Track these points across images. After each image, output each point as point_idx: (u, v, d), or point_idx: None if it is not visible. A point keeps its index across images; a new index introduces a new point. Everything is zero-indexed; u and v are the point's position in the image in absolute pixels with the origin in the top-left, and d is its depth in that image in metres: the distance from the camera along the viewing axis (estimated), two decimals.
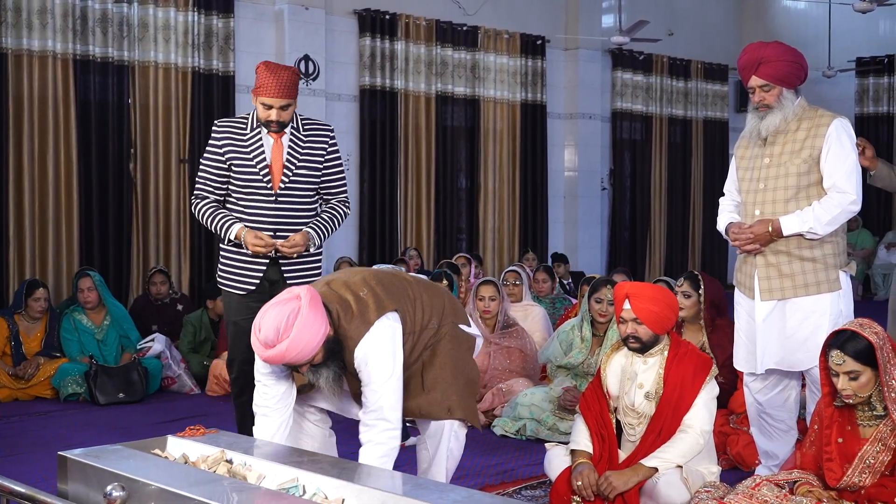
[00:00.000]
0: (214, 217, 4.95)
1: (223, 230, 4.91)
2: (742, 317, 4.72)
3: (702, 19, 15.27)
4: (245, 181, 4.89)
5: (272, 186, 4.88)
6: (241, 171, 4.90)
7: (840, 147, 4.49)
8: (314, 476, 3.10)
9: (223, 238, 4.98)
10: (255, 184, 4.88)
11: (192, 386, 7.68)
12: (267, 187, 4.87)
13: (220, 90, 9.96)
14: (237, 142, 4.91)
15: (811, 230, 4.46)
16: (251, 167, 4.88)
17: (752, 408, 4.86)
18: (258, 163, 4.88)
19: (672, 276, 12.34)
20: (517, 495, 4.81)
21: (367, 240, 11.18)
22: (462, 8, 12.04)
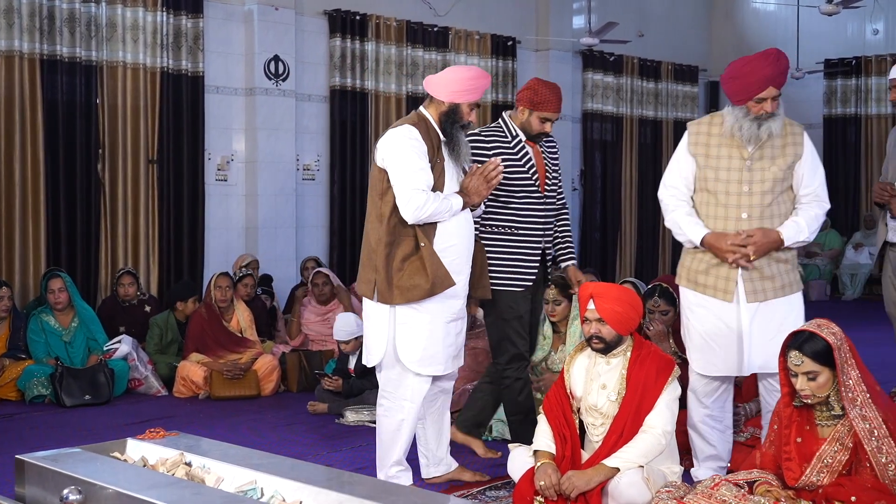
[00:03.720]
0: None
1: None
2: (708, 320, 4.64)
3: (672, 21, 15.35)
4: (518, 186, 5.26)
5: (540, 188, 5.31)
6: (513, 177, 5.22)
7: (814, 156, 4.70)
8: (272, 478, 3.11)
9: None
10: (528, 188, 5.29)
11: (160, 388, 7.65)
12: (537, 190, 5.31)
13: (189, 90, 9.91)
14: (506, 149, 5.26)
15: (805, 239, 4.63)
16: (523, 172, 5.26)
17: (697, 413, 4.79)
18: (529, 168, 5.29)
19: (642, 277, 12.41)
20: (481, 496, 4.83)
21: (338, 241, 11.16)
22: (433, 9, 12.04)
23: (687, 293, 4.74)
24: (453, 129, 4.76)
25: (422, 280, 4.58)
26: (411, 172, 4.58)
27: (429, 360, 4.72)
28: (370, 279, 4.70)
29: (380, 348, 4.74)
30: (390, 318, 4.69)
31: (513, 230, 5.30)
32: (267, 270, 10.00)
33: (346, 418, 6.56)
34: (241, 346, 7.80)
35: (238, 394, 7.45)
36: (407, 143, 4.61)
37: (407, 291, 4.59)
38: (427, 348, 4.70)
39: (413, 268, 4.60)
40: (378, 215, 4.67)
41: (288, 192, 10.61)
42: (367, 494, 2.96)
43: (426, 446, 5.08)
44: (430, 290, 4.58)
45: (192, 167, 9.97)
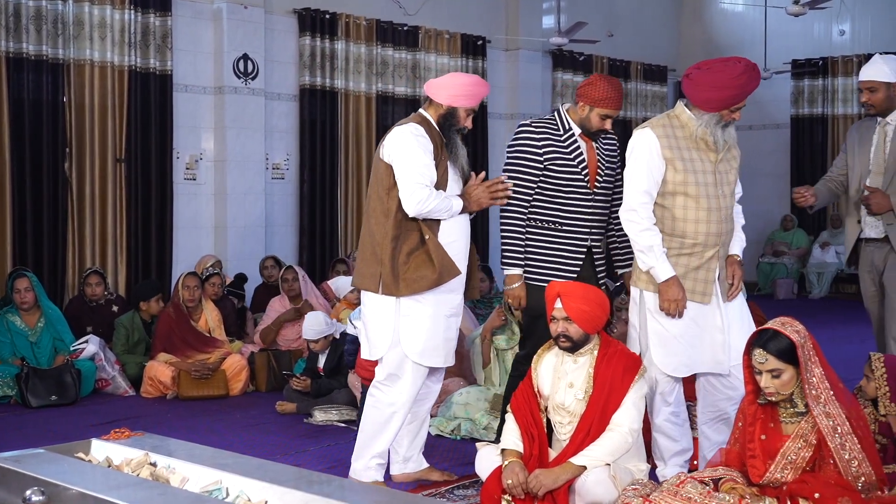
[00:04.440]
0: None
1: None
2: (682, 323, 4.62)
3: (641, 21, 15.42)
4: (566, 181, 5.14)
5: (589, 185, 5.17)
6: (561, 171, 5.13)
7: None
8: (238, 478, 3.10)
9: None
10: (576, 183, 5.15)
11: (127, 388, 7.61)
12: (586, 187, 5.17)
13: (157, 89, 9.85)
14: (556, 142, 5.15)
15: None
16: (573, 167, 5.14)
17: (662, 413, 4.78)
18: (579, 163, 5.16)
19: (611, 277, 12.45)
20: (449, 495, 4.83)
21: (308, 240, 11.13)
22: (402, 8, 12.03)
23: (652, 297, 4.68)
24: (451, 132, 4.89)
25: (428, 271, 4.72)
26: (417, 167, 4.69)
27: (430, 351, 4.82)
28: (374, 273, 4.78)
29: (385, 340, 4.82)
30: (396, 310, 4.78)
31: (557, 226, 5.18)
32: (236, 270, 9.96)
33: (315, 418, 6.55)
34: (209, 345, 7.76)
35: (206, 394, 7.42)
36: (413, 140, 4.73)
37: (413, 283, 4.72)
38: (429, 339, 4.80)
39: (419, 260, 4.74)
40: (384, 210, 4.76)
41: (257, 192, 10.58)
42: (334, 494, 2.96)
43: (399, 443, 5.08)
44: (437, 279, 4.73)
45: (161, 166, 9.91)
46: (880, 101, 5.49)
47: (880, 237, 5.54)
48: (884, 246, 5.54)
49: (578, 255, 5.23)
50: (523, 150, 5.14)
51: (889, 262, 5.51)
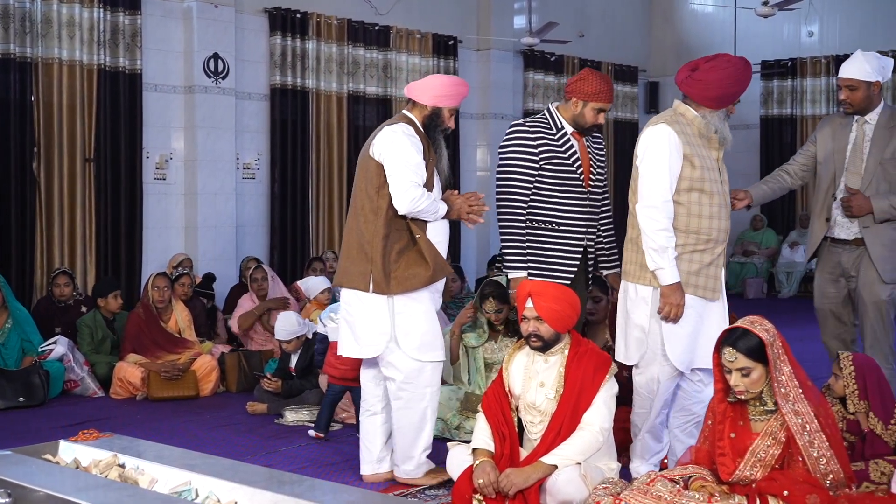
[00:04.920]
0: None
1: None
2: (693, 319, 4.63)
3: (612, 22, 15.47)
4: (562, 180, 5.13)
5: (584, 183, 5.16)
6: (557, 170, 5.11)
7: None
8: (207, 479, 3.08)
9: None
10: (571, 182, 5.15)
11: (96, 389, 7.55)
12: (582, 185, 5.17)
13: (126, 88, 9.78)
14: (551, 142, 5.13)
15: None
16: (568, 166, 5.13)
17: (661, 416, 4.78)
18: (574, 162, 5.15)
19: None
20: (421, 494, 4.82)
21: (279, 240, 11.09)
22: (374, 7, 12.01)
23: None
24: (435, 133, 4.96)
25: (421, 269, 4.78)
26: (410, 166, 4.74)
27: (428, 346, 4.87)
28: (363, 271, 4.80)
29: (380, 339, 4.84)
30: (389, 308, 4.82)
31: (554, 226, 5.16)
32: (206, 270, 9.91)
33: (286, 418, 6.53)
34: (179, 346, 7.72)
35: (176, 394, 7.37)
36: (406, 139, 4.78)
37: (405, 281, 4.77)
38: (425, 335, 4.86)
39: (410, 259, 4.79)
40: (374, 209, 4.80)
41: (228, 191, 10.53)
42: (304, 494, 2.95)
43: (373, 442, 5.08)
44: (430, 276, 4.79)
45: (130, 166, 9.84)
46: (859, 100, 5.40)
47: (851, 239, 5.48)
48: (855, 249, 5.47)
49: (576, 255, 5.22)
50: (519, 150, 5.11)
51: (862, 267, 5.44)
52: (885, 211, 5.34)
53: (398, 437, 4.96)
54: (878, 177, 5.39)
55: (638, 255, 4.69)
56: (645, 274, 4.64)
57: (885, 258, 5.39)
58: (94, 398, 7.48)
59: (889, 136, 5.40)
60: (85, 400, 7.42)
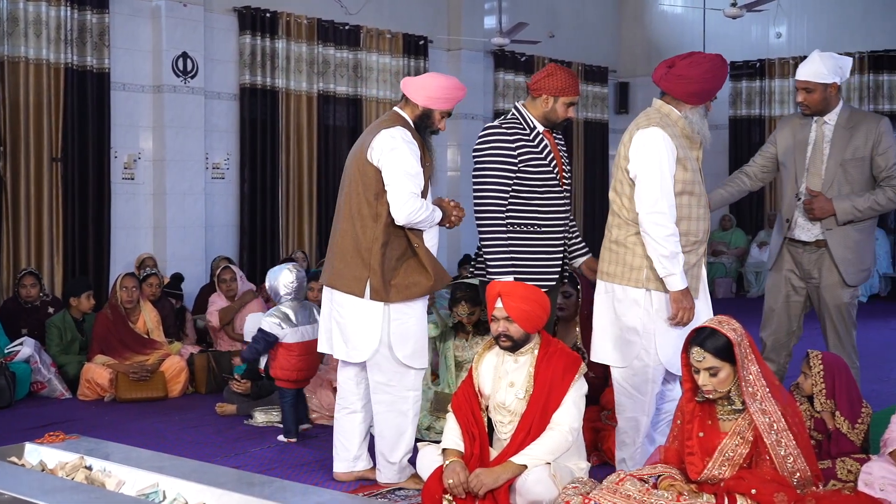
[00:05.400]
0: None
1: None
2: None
3: (582, 22, 15.52)
4: (541, 180, 5.07)
5: (559, 180, 5.13)
6: (536, 171, 5.06)
7: None
8: (175, 481, 3.06)
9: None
10: (549, 181, 5.10)
11: (63, 390, 7.48)
12: (558, 184, 5.14)
13: (94, 87, 9.71)
14: (528, 142, 5.06)
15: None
16: (545, 165, 5.07)
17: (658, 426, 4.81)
18: (550, 161, 5.11)
19: None
20: (390, 495, 4.82)
21: (248, 240, 11.04)
22: (344, 7, 11.98)
23: (662, 297, 4.61)
24: (425, 133, 4.90)
25: (422, 278, 4.78)
26: (410, 176, 4.70)
27: (419, 353, 4.90)
28: (359, 277, 4.77)
29: (370, 345, 4.81)
30: (384, 315, 4.79)
31: (536, 227, 5.10)
32: (176, 270, 9.85)
33: (255, 419, 6.50)
34: (147, 347, 7.67)
35: (145, 396, 7.32)
36: (405, 146, 4.73)
37: (405, 289, 4.77)
38: (417, 342, 4.88)
39: (409, 267, 4.78)
40: (373, 215, 4.76)
41: (197, 191, 10.47)
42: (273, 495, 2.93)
43: (350, 440, 5.07)
44: (432, 286, 4.81)
45: (98, 165, 9.77)
46: (816, 101, 5.41)
47: (812, 241, 5.51)
48: (816, 251, 5.49)
49: (558, 255, 5.18)
50: (498, 153, 5.02)
51: (825, 269, 5.47)
52: (848, 213, 5.34)
53: (379, 442, 4.95)
54: (839, 178, 5.40)
55: (626, 257, 4.63)
56: (634, 276, 4.59)
57: (849, 261, 5.41)
58: (61, 400, 7.41)
59: (849, 136, 5.41)
60: (52, 402, 7.36)
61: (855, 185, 5.40)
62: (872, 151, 5.38)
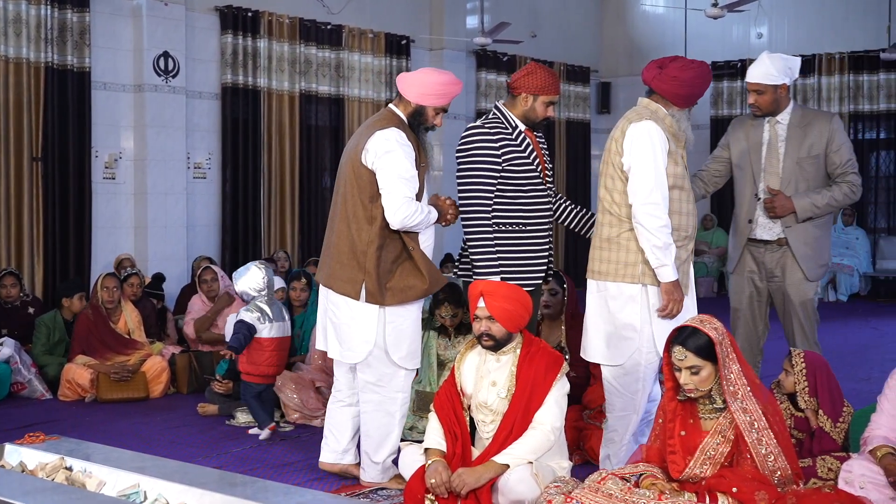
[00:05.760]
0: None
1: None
2: (680, 316, 4.63)
3: (564, 22, 15.54)
4: (525, 179, 5.03)
5: (543, 178, 5.10)
6: (520, 170, 5.01)
7: None
8: (156, 481, 3.05)
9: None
10: (534, 180, 5.06)
11: (44, 391, 7.44)
12: (542, 182, 5.10)
13: (75, 86, 9.67)
14: (511, 142, 5.02)
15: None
16: (529, 164, 5.04)
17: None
18: (534, 159, 5.07)
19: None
20: (373, 495, 4.81)
21: (230, 239, 11.02)
22: (326, 7, 11.97)
23: (657, 291, 4.63)
24: (419, 130, 4.89)
25: (417, 281, 4.77)
26: (404, 180, 4.69)
27: (413, 355, 4.91)
28: (355, 279, 4.76)
29: (364, 346, 4.81)
30: (380, 318, 4.79)
31: (521, 227, 5.07)
32: (157, 270, 9.82)
33: (237, 419, 6.48)
34: (128, 347, 7.63)
35: (126, 396, 7.29)
36: (399, 149, 4.70)
37: (401, 293, 4.76)
38: (411, 345, 4.89)
39: (405, 270, 4.78)
40: (368, 217, 4.75)
41: (178, 191, 10.44)
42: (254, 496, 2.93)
43: (341, 433, 5.08)
44: (427, 289, 4.80)
45: (79, 165, 9.73)
46: (767, 103, 5.48)
47: (774, 240, 5.55)
48: (777, 249, 5.55)
49: (544, 253, 5.16)
50: (482, 154, 4.99)
51: (788, 267, 5.52)
52: (808, 209, 5.43)
53: (364, 441, 4.95)
54: (796, 176, 5.48)
55: (619, 254, 4.65)
56: (630, 272, 4.62)
57: (809, 257, 5.49)
58: (41, 400, 7.37)
59: (803, 135, 5.48)
60: (32, 402, 7.31)
61: (811, 182, 5.49)
62: (827, 148, 5.47)
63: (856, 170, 5.51)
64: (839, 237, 13.69)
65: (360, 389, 4.95)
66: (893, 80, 13.87)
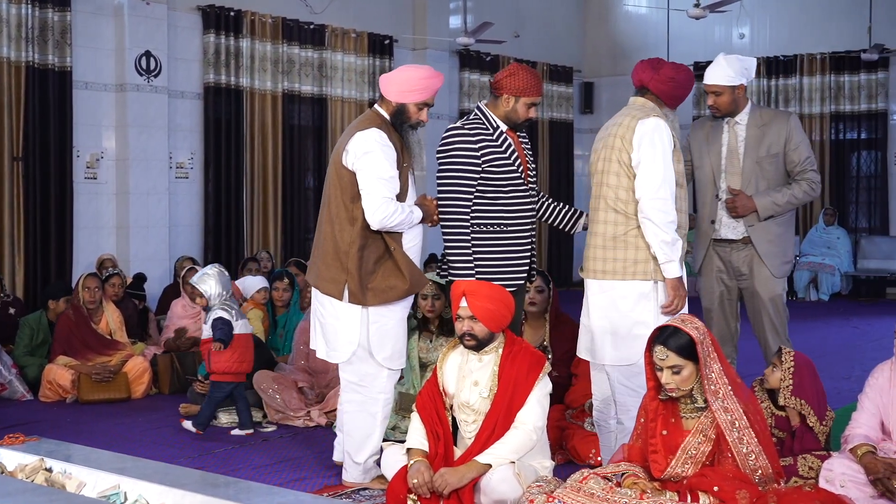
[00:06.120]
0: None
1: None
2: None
3: (547, 22, 15.56)
4: (506, 180, 4.98)
5: (524, 180, 5.04)
6: (501, 171, 4.96)
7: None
8: (137, 482, 3.03)
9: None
10: (515, 181, 5.00)
11: (24, 392, 7.39)
12: (523, 183, 5.04)
13: (56, 86, 9.63)
14: (491, 143, 4.96)
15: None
16: (510, 165, 4.98)
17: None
18: (515, 160, 5.01)
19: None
20: (355, 495, 4.80)
21: (213, 239, 10.99)
22: (309, 6, 11.95)
23: (663, 289, 4.64)
24: (403, 129, 4.89)
25: (398, 281, 4.78)
26: (383, 181, 4.70)
27: (398, 355, 4.94)
28: (338, 279, 4.78)
29: (348, 347, 4.84)
30: (363, 318, 4.81)
31: (502, 227, 4.99)
32: (139, 270, 9.78)
33: (219, 420, 6.46)
34: (110, 348, 7.60)
35: (107, 397, 7.25)
36: (379, 150, 4.72)
37: (382, 293, 4.78)
38: (395, 344, 4.91)
39: (386, 270, 4.79)
40: (349, 218, 4.76)
41: (160, 191, 10.41)
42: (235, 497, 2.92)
43: None
44: (408, 290, 4.81)
45: (60, 165, 9.69)
46: (726, 104, 5.51)
47: (739, 238, 5.59)
48: (743, 247, 5.59)
49: (525, 254, 5.09)
50: (461, 155, 4.93)
51: (755, 264, 5.56)
52: (769, 208, 5.49)
53: (346, 441, 4.95)
54: (756, 175, 5.54)
55: (627, 252, 4.62)
56: (641, 269, 4.60)
57: (773, 254, 5.55)
58: (22, 401, 7.33)
59: (761, 135, 5.55)
60: (13, 403, 7.27)
61: (771, 180, 5.55)
62: (785, 147, 5.54)
63: (814, 167, 5.60)
64: (821, 237, 13.76)
65: (342, 389, 4.96)
66: (874, 80, 13.94)
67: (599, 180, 4.73)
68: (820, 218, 13.82)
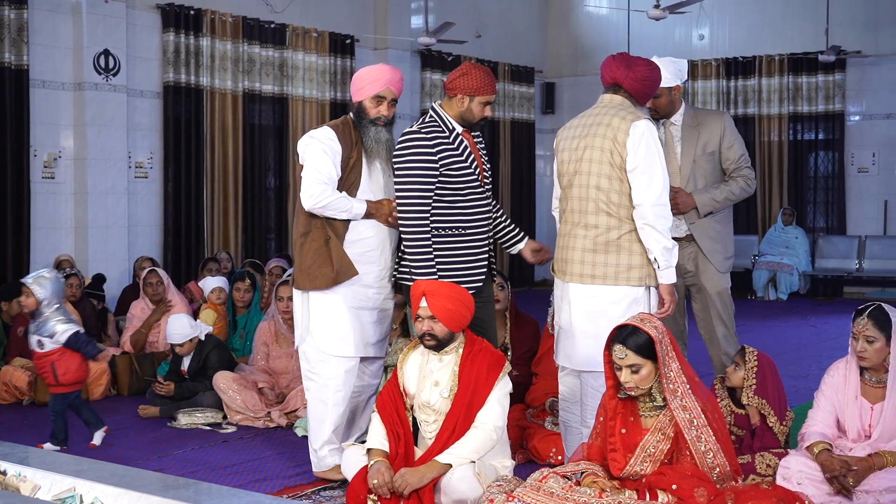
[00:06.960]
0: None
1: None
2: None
3: (508, 23, 15.59)
4: (463, 182, 4.95)
5: (481, 180, 5.05)
6: (458, 174, 4.93)
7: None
8: (93, 485, 3.00)
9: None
10: (471, 183, 4.99)
11: None
12: (480, 183, 5.04)
13: (12, 85, 9.51)
14: (448, 146, 4.93)
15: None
16: (466, 167, 4.95)
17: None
18: (471, 162, 4.99)
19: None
20: (316, 496, 4.80)
21: (173, 240, 10.90)
22: (269, 5, 11.89)
23: (656, 294, 4.60)
24: (361, 125, 5.06)
25: (327, 269, 4.95)
26: (316, 166, 4.94)
27: (338, 342, 5.00)
28: (293, 267, 5.20)
29: (300, 332, 5.10)
30: (304, 303, 5.07)
31: (460, 230, 4.93)
32: (97, 271, 9.69)
33: (179, 421, 6.42)
34: None
35: None
36: (317, 144, 4.98)
37: (314, 280, 4.98)
38: (336, 331, 4.99)
39: (321, 259, 4.96)
40: (300, 209, 5.06)
41: (119, 191, 10.32)
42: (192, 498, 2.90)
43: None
44: (334, 278, 4.95)
45: (17, 164, 9.57)
46: (664, 105, 5.57)
47: (683, 236, 5.60)
48: (688, 245, 5.61)
49: (483, 256, 5.04)
50: (419, 159, 4.85)
51: (700, 261, 5.61)
52: (708, 205, 5.55)
53: (309, 425, 5.16)
54: (694, 174, 5.62)
55: (620, 257, 4.50)
56: (635, 274, 4.50)
57: (716, 250, 5.61)
58: None
59: (696, 134, 5.63)
60: None
61: (709, 178, 5.63)
62: (720, 145, 5.63)
63: (749, 164, 5.69)
64: (779, 236, 13.89)
65: (304, 380, 5.17)
66: (832, 81, 14.09)
67: (585, 181, 4.58)
68: (779, 218, 13.95)
